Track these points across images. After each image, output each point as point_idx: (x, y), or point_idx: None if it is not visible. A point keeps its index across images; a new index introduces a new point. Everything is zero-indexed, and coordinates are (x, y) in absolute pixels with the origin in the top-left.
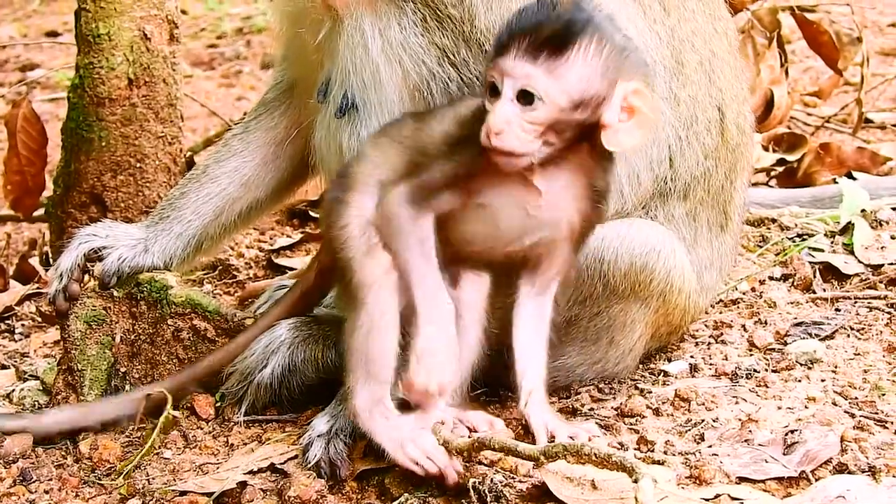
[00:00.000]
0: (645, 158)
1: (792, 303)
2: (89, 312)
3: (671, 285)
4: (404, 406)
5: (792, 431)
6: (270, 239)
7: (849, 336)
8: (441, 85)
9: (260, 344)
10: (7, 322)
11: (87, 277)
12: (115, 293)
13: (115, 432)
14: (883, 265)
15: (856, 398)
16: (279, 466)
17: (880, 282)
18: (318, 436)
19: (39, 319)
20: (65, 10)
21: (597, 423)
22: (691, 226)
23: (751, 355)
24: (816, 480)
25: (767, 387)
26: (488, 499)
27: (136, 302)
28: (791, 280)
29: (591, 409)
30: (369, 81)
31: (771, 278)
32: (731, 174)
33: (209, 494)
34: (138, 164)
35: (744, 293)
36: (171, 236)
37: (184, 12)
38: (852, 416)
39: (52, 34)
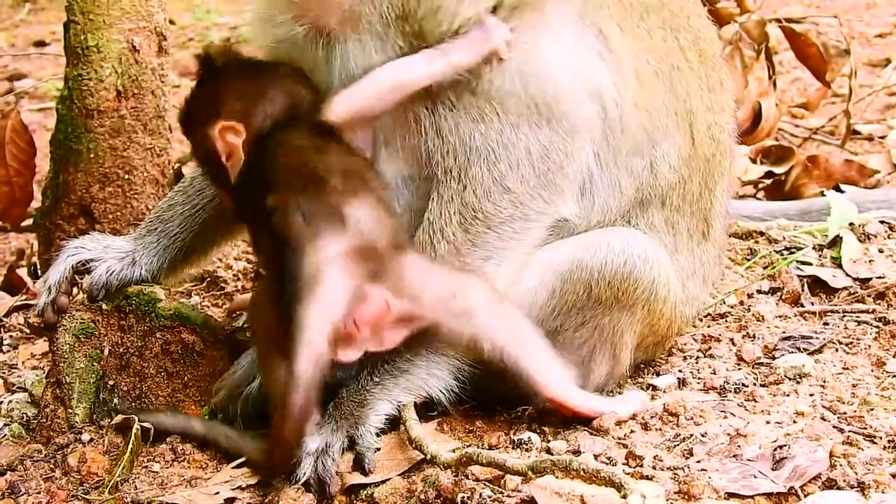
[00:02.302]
0: (626, 167)
1: (780, 316)
2: (78, 325)
3: (655, 294)
4: None
5: (781, 447)
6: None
7: (837, 350)
8: (419, 107)
9: (248, 358)
10: None
11: (75, 290)
12: (104, 306)
13: (104, 446)
14: (871, 279)
15: (844, 413)
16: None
17: (868, 296)
18: (308, 454)
19: (28, 331)
20: (52, 19)
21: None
22: (671, 234)
23: (739, 369)
24: (805, 496)
25: (756, 401)
26: None
27: (125, 315)
28: (779, 294)
29: (580, 423)
30: None
31: (759, 292)
32: (710, 182)
33: None
34: (126, 176)
35: (732, 307)
36: (158, 249)
37: (171, 22)
38: (841, 431)
39: (40, 44)
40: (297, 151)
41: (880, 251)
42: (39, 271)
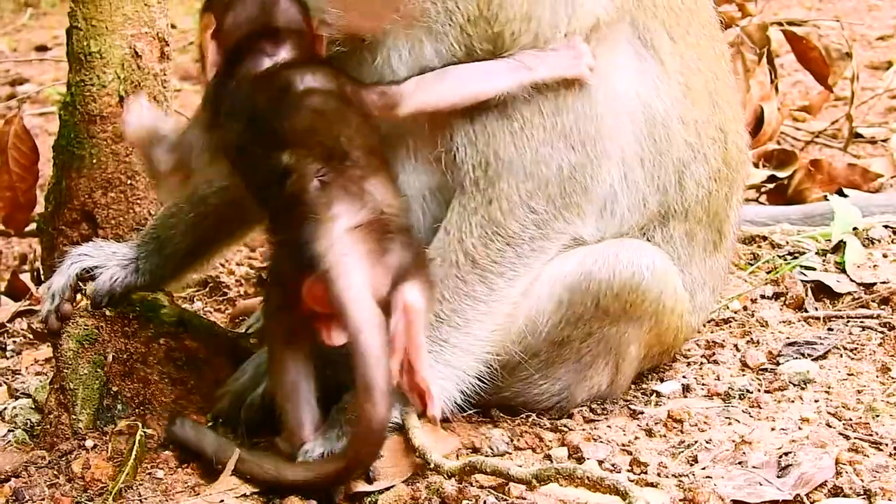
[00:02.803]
0: (654, 182)
1: (784, 322)
2: (81, 332)
3: (663, 305)
4: None
5: (786, 454)
6: (261, 256)
7: (842, 356)
8: (455, 113)
9: (251, 364)
10: None
11: (79, 297)
12: (107, 313)
13: (108, 452)
14: (875, 284)
15: (850, 419)
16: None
17: (873, 300)
18: (311, 460)
19: (31, 336)
20: (54, 24)
21: (591, 440)
22: (688, 246)
23: (743, 375)
24: None
25: (760, 407)
26: None
27: (129, 321)
28: (783, 299)
29: (584, 430)
30: None
31: (763, 297)
32: (729, 193)
33: None
34: (129, 182)
35: (735, 312)
36: (161, 256)
37: (172, 26)
38: (846, 437)
39: (42, 48)
40: (322, 116)
41: (884, 256)
42: (43, 277)
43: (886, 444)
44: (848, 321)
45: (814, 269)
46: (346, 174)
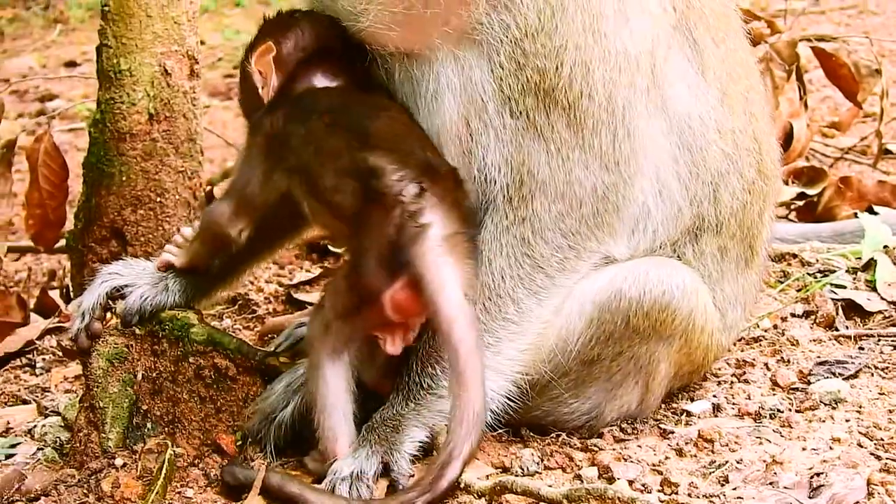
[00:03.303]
0: (688, 193)
1: (814, 340)
2: (111, 350)
3: (693, 324)
4: None
5: (818, 474)
6: (290, 273)
7: (873, 375)
8: (489, 132)
9: (281, 383)
10: (28, 356)
11: (109, 315)
12: (137, 331)
13: (137, 471)
14: None
15: (881, 439)
16: None
17: None
18: (342, 479)
19: (60, 354)
20: (83, 40)
21: (621, 460)
22: (720, 262)
23: (774, 395)
24: None
25: (791, 427)
26: None
27: (158, 340)
28: (813, 317)
29: (614, 450)
30: (426, 121)
31: (793, 315)
32: (762, 208)
33: None
34: (158, 199)
35: (765, 330)
36: (190, 275)
37: (201, 42)
38: (878, 458)
39: (71, 64)
40: (403, 124)
41: None
42: (72, 294)
43: None
44: (879, 340)
45: (844, 287)
46: (439, 185)
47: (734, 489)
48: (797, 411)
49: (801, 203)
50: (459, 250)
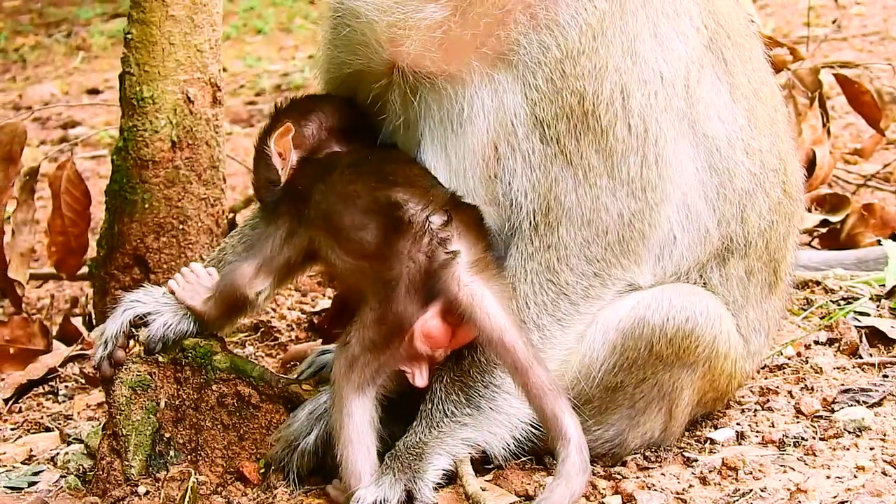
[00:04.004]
0: (716, 214)
1: (838, 368)
2: (134, 378)
3: (717, 351)
4: None
5: (842, 502)
6: (312, 300)
7: None
8: (517, 157)
9: (304, 411)
10: (51, 383)
11: (132, 343)
12: (160, 359)
13: (160, 499)
14: None
15: None
16: None
17: None
18: None
19: (83, 381)
20: (105, 67)
21: (645, 488)
22: (745, 287)
23: (798, 422)
24: None
25: (815, 455)
26: None
27: (181, 367)
28: (837, 345)
29: (638, 478)
30: (452, 144)
31: (816, 343)
32: (787, 230)
33: None
34: (181, 226)
35: (789, 358)
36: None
37: (223, 69)
38: None
39: (93, 91)
40: (420, 167)
41: None
42: (94, 321)
43: None
44: None
45: (868, 314)
46: (463, 214)
47: None
48: (821, 439)
49: (824, 230)
50: (490, 272)
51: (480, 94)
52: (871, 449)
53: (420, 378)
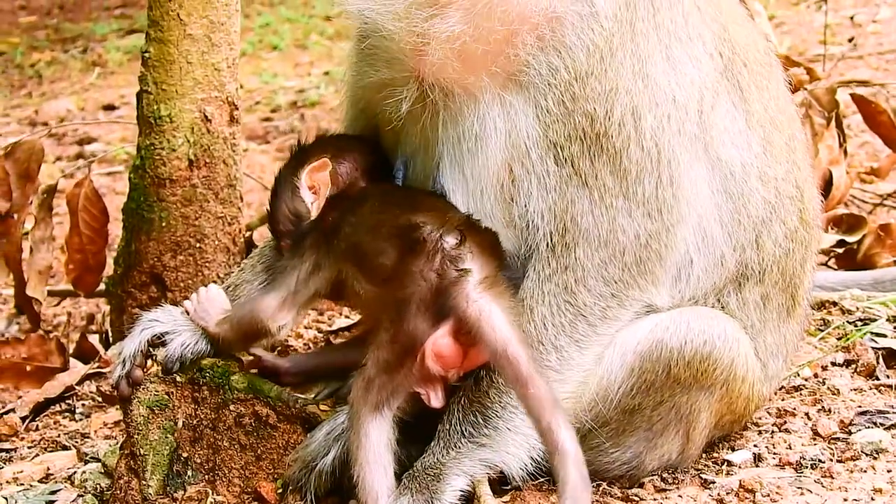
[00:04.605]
0: (731, 240)
1: (855, 390)
2: (152, 397)
3: (734, 374)
4: None
5: None
6: (329, 319)
7: None
8: (532, 179)
9: (321, 431)
10: (68, 402)
11: (149, 363)
12: (178, 378)
13: None
14: None
15: None
16: None
17: None
18: None
19: (100, 399)
20: (121, 83)
21: None
22: (762, 312)
23: (815, 444)
24: None
25: (833, 477)
26: None
27: (199, 387)
28: (854, 366)
29: (655, 500)
30: (468, 164)
31: (833, 364)
32: (804, 256)
33: None
34: (198, 244)
35: (806, 379)
36: None
37: (240, 86)
38: None
39: (109, 108)
40: (438, 196)
41: None
42: (111, 339)
43: None
44: None
45: (885, 335)
46: (478, 237)
47: None
48: (838, 461)
49: (840, 250)
50: (499, 289)
51: (493, 114)
52: (889, 471)
53: (435, 399)
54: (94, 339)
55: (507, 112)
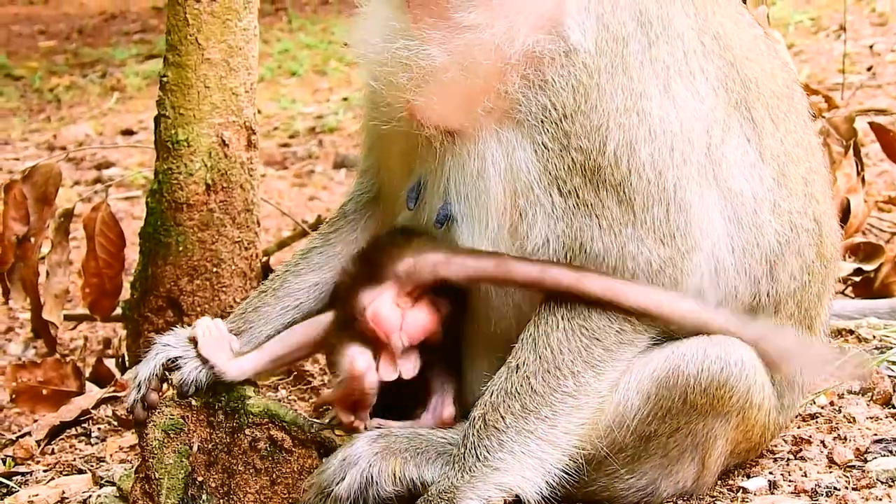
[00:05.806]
0: (745, 273)
1: (871, 418)
2: (167, 421)
3: (751, 402)
4: None
5: None
6: None
7: None
8: (538, 211)
9: (337, 457)
10: (83, 425)
11: (165, 386)
12: (193, 402)
13: None
14: None
15: None
16: None
17: None
18: None
19: (116, 423)
20: (140, 108)
21: None
22: None
23: (830, 472)
24: None
25: None
26: None
27: (214, 411)
28: (870, 394)
29: None
30: (473, 197)
31: (849, 392)
32: (821, 290)
33: None
34: (215, 269)
35: (822, 407)
36: (247, 347)
37: (257, 112)
38: None
39: (128, 132)
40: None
41: None
42: (127, 363)
43: None
44: None
45: None
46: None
47: None
48: (854, 489)
49: (857, 279)
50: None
51: (491, 150)
52: None
53: (386, 370)
54: (110, 364)
55: (504, 148)
